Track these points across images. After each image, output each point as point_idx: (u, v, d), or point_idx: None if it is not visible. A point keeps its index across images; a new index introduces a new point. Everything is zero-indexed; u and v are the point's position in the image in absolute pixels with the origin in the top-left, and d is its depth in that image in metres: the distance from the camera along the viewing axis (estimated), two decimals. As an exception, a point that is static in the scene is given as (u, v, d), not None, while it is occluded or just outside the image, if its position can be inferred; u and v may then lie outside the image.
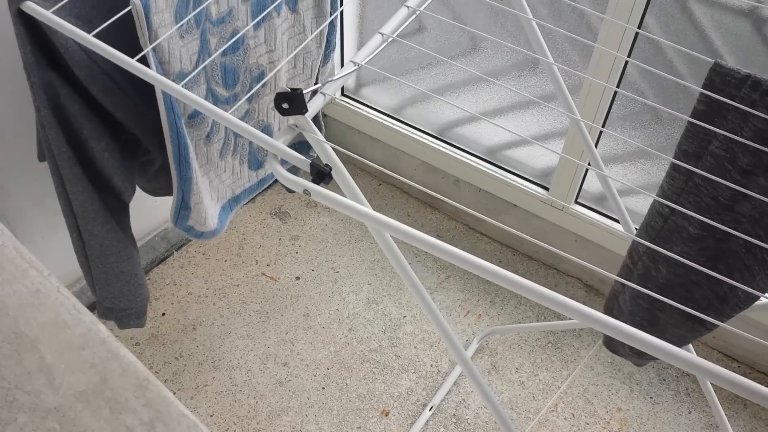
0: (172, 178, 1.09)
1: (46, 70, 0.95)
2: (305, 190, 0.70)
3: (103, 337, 0.54)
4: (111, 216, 1.12)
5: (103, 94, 1.00)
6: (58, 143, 1.00)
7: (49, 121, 0.98)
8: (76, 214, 1.08)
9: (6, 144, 1.26)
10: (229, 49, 1.10)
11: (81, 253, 1.14)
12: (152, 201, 1.63)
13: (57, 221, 1.43)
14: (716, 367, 0.55)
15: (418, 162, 1.90)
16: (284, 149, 0.72)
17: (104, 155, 1.05)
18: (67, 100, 0.98)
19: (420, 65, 1.77)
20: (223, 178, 1.25)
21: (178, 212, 1.15)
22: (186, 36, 1.00)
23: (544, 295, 0.60)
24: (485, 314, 1.71)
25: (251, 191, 1.35)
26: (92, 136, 1.02)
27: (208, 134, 1.14)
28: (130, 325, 1.27)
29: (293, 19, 1.18)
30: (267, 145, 0.72)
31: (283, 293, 1.71)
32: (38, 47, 0.93)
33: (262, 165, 1.33)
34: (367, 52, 0.82)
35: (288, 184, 0.72)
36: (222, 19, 1.05)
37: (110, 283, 1.18)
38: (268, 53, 1.16)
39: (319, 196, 0.69)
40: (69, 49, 0.93)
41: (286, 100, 0.71)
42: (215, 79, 1.11)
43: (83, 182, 1.04)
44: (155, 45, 0.94)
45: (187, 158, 1.08)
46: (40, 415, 0.49)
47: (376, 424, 1.49)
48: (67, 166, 1.02)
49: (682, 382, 1.59)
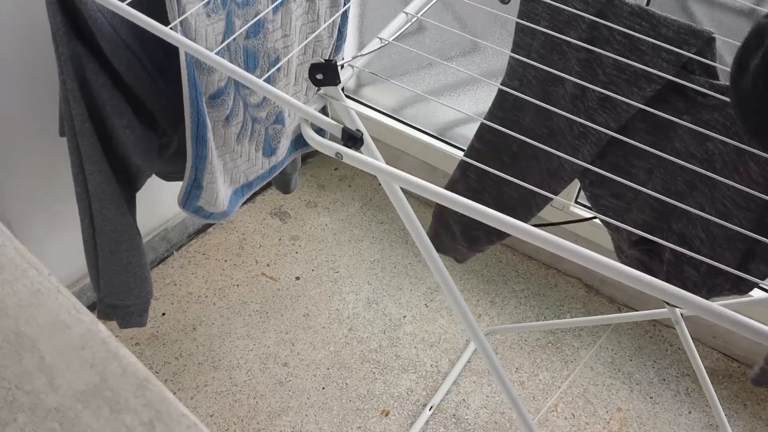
0: (187, 157, 1.10)
1: (74, 42, 0.96)
2: (337, 153, 0.74)
3: (103, 337, 0.54)
4: (125, 202, 1.12)
5: (125, 68, 1.01)
6: (82, 119, 1.00)
7: (75, 95, 0.98)
8: (92, 196, 1.08)
9: (6, 144, 1.26)
10: (252, 32, 1.11)
11: (90, 243, 1.14)
12: (152, 201, 1.63)
13: (57, 221, 1.43)
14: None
15: (418, 162, 1.90)
16: (318, 115, 0.75)
17: (126, 132, 1.05)
18: (92, 74, 0.99)
19: (420, 65, 1.77)
20: (238, 163, 1.26)
21: (189, 192, 1.15)
22: (212, 15, 1.02)
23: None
24: (485, 314, 1.71)
25: (263, 178, 1.36)
26: (115, 112, 1.03)
27: (228, 117, 1.15)
28: (132, 323, 1.27)
29: (308, 6, 1.19)
30: (301, 111, 0.74)
31: (283, 293, 1.71)
32: (67, 18, 0.94)
33: (275, 152, 1.34)
34: (393, 29, 0.85)
35: (321, 148, 0.75)
36: (246, 2, 1.08)
37: (117, 275, 1.18)
38: (283, 38, 1.17)
39: (351, 159, 0.73)
40: (97, 21, 0.94)
41: (320, 71, 0.74)
42: (238, 62, 1.12)
43: (102, 161, 1.05)
44: (183, 20, 0.96)
45: (205, 136, 1.09)
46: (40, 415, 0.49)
47: (376, 424, 1.49)
48: (89, 142, 1.03)
49: (682, 382, 1.59)
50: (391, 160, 1.97)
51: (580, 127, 0.93)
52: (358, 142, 0.77)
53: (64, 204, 1.42)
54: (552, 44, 0.91)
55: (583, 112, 0.92)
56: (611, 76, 0.87)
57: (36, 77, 1.23)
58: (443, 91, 1.77)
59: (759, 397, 1.57)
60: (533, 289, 1.77)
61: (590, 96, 0.90)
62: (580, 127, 0.93)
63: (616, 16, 0.84)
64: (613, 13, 0.84)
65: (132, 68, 1.02)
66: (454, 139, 1.83)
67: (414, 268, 1.79)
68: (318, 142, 0.74)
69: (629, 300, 1.73)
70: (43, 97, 1.26)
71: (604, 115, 0.90)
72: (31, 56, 1.20)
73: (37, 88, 1.24)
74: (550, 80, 0.94)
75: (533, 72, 0.95)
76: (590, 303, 1.75)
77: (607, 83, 0.87)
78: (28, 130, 1.27)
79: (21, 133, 1.27)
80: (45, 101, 1.26)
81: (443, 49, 1.69)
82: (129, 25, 0.98)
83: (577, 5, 0.86)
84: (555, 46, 0.91)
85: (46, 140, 1.31)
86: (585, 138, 0.94)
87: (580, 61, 0.89)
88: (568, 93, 0.92)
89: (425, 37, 1.71)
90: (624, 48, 0.84)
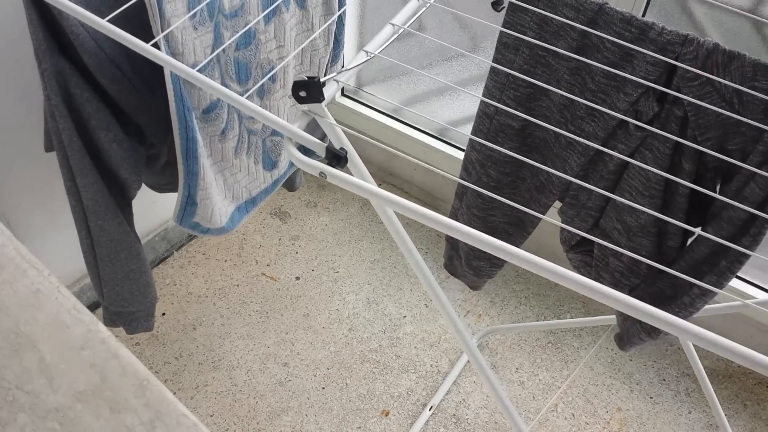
0: (178, 173, 1.09)
1: (57, 57, 0.95)
2: (321, 172, 0.72)
3: (103, 337, 0.54)
4: (120, 211, 1.11)
5: (110, 82, 1.00)
6: (69, 133, 0.99)
7: (60, 110, 0.97)
8: (86, 209, 1.07)
9: (6, 144, 1.26)
10: (242, 43, 1.10)
11: (89, 253, 1.13)
12: (151, 201, 1.63)
13: (57, 221, 1.43)
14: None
15: (418, 162, 1.90)
16: (301, 133, 0.74)
17: (112, 146, 1.04)
18: (76, 89, 0.98)
19: (420, 65, 1.77)
20: (238, 178, 1.25)
21: (184, 209, 1.14)
22: (199, 28, 1.00)
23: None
24: (485, 314, 1.71)
25: (267, 193, 1.35)
26: (101, 126, 1.02)
27: (223, 130, 1.14)
28: (138, 329, 1.25)
29: (301, 15, 1.18)
30: (283, 129, 0.73)
31: (283, 293, 1.71)
32: (49, 34, 0.93)
33: (276, 165, 1.33)
34: (379, 42, 0.84)
35: (304, 167, 0.74)
36: (235, 13, 1.06)
37: (119, 283, 1.17)
38: (277, 49, 1.16)
39: (335, 178, 0.72)
40: (79, 36, 0.93)
41: (303, 88, 0.73)
42: (229, 74, 1.11)
43: (93, 174, 1.04)
44: (168, 34, 0.95)
45: (195, 152, 1.07)
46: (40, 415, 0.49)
47: (376, 424, 1.49)
48: (78, 156, 1.01)
49: (682, 382, 1.59)
50: (390, 160, 1.97)
51: (567, 137, 0.93)
52: (342, 161, 0.76)
53: (63, 204, 1.42)
54: (537, 58, 0.90)
55: (570, 121, 0.92)
56: (600, 84, 0.87)
57: (35, 78, 1.23)
58: (444, 90, 1.77)
59: (759, 397, 1.57)
60: (533, 289, 1.77)
61: (578, 105, 0.90)
62: (567, 137, 0.93)
63: (607, 23, 0.84)
64: (603, 20, 0.84)
65: (116, 82, 1.00)
66: (454, 139, 1.83)
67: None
68: (301, 160, 0.73)
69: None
70: (43, 97, 1.25)
71: (593, 123, 0.90)
72: (30, 57, 1.20)
73: (36, 88, 1.24)
74: (534, 96, 0.94)
75: (511, 93, 0.94)
76: (590, 303, 1.75)
77: (596, 91, 0.88)
78: (27, 130, 1.27)
79: (21, 133, 1.27)
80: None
81: (443, 49, 1.69)
82: (113, 39, 0.97)
83: (568, 14, 0.86)
84: (540, 60, 0.90)
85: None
86: (572, 148, 0.94)
87: (570, 69, 0.89)
88: (555, 104, 0.92)
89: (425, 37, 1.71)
90: (614, 55, 0.85)
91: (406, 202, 0.67)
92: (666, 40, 0.81)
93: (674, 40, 0.81)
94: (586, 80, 0.88)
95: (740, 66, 0.78)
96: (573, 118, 0.91)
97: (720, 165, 0.84)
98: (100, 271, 1.15)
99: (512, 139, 0.97)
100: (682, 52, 0.81)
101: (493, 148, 0.97)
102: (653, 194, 0.88)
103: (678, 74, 0.82)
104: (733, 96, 0.79)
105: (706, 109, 0.81)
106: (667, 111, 0.84)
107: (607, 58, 0.85)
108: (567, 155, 0.95)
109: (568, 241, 1.06)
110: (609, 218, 0.96)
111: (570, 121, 0.92)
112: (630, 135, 0.87)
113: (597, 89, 0.88)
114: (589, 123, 0.90)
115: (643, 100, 0.85)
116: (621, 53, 0.84)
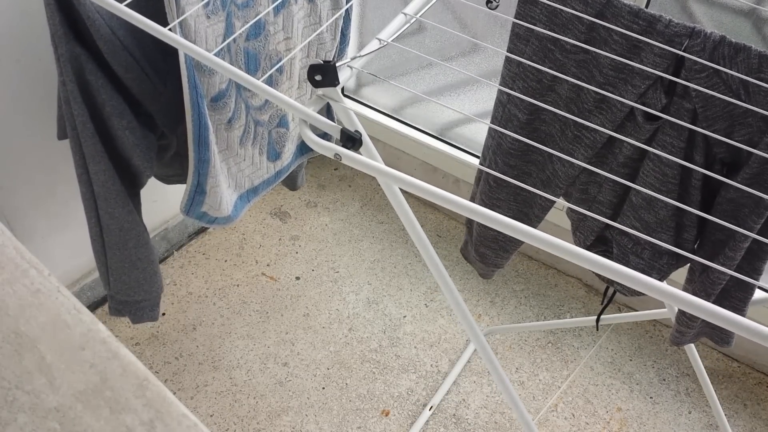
0: (188, 162, 1.10)
1: (73, 43, 0.96)
2: (336, 154, 0.73)
3: (103, 337, 0.54)
4: (129, 199, 1.12)
5: (123, 69, 1.01)
6: (83, 119, 1.01)
7: (75, 96, 0.99)
8: (97, 196, 1.08)
9: (6, 144, 1.26)
10: (252, 34, 1.11)
11: (98, 241, 1.14)
12: (152, 201, 1.63)
13: (57, 221, 1.43)
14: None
15: (418, 162, 1.90)
16: (315, 115, 0.75)
17: (125, 133, 1.05)
18: (91, 75, 0.99)
19: (420, 65, 1.77)
20: (242, 167, 1.26)
21: (192, 198, 1.15)
22: (212, 17, 1.02)
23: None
24: (485, 314, 1.71)
25: (269, 183, 1.36)
26: (115, 112, 1.03)
27: (230, 119, 1.15)
28: (144, 318, 1.27)
29: (309, 8, 1.20)
30: (298, 112, 0.74)
31: (283, 293, 1.71)
32: (65, 19, 0.94)
33: (279, 156, 1.34)
34: (391, 31, 0.84)
35: (319, 149, 0.75)
36: (246, 3, 1.07)
37: (127, 272, 1.18)
38: (285, 40, 1.17)
39: (350, 160, 0.72)
40: (95, 22, 0.94)
41: (319, 72, 0.74)
42: (239, 64, 1.12)
43: (105, 161, 1.05)
44: (181, 22, 0.96)
45: (207, 139, 1.09)
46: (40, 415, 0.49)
47: (376, 424, 1.49)
48: (91, 143, 1.03)
49: (682, 382, 1.59)
50: (391, 161, 1.97)
51: (574, 130, 0.94)
52: (357, 143, 0.77)
53: (63, 204, 1.42)
54: (545, 51, 0.91)
55: (578, 114, 0.92)
56: (608, 77, 0.87)
57: (35, 78, 1.23)
58: (443, 90, 1.77)
59: (759, 397, 1.57)
60: (533, 289, 1.77)
61: (585, 98, 0.90)
62: (574, 130, 0.94)
63: (615, 16, 0.84)
64: (611, 13, 0.85)
65: (130, 69, 1.02)
66: (454, 139, 1.83)
67: (414, 268, 1.79)
68: (316, 142, 0.74)
69: (629, 300, 1.73)
70: (43, 98, 1.26)
71: (600, 116, 0.90)
72: (30, 57, 1.20)
73: (36, 88, 1.24)
74: (540, 91, 0.94)
75: (520, 84, 0.95)
76: (590, 303, 1.75)
77: (603, 84, 0.88)
78: (27, 130, 1.27)
79: (21, 133, 1.27)
80: (44, 101, 1.26)
81: (443, 49, 1.69)
82: (127, 26, 0.98)
83: (576, 6, 0.86)
84: (548, 54, 0.91)
85: (45, 140, 1.31)
86: (579, 141, 0.94)
87: (578, 62, 0.89)
88: (563, 97, 0.93)
89: (425, 37, 1.71)
90: (621, 48, 0.85)
91: (423, 183, 0.67)
92: (673, 32, 0.82)
93: (681, 32, 0.82)
94: (594, 73, 0.89)
95: (746, 58, 0.79)
96: (580, 112, 0.92)
97: (727, 156, 0.85)
98: (107, 259, 1.16)
99: (518, 132, 0.99)
100: (689, 45, 0.82)
101: (503, 137, 0.99)
102: (670, 188, 0.89)
103: (686, 66, 0.82)
104: (740, 87, 0.80)
105: (714, 101, 0.82)
106: (676, 104, 0.85)
107: (615, 51, 0.86)
108: (573, 149, 0.95)
109: (582, 243, 1.06)
110: (626, 217, 0.97)
111: (577, 115, 0.92)
112: (639, 127, 0.88)
113: (604, 81, 0.88)
114: (597, 116, 0.91)
115: (651, 92, 0.85)
116: (628, 45, 0.85)
